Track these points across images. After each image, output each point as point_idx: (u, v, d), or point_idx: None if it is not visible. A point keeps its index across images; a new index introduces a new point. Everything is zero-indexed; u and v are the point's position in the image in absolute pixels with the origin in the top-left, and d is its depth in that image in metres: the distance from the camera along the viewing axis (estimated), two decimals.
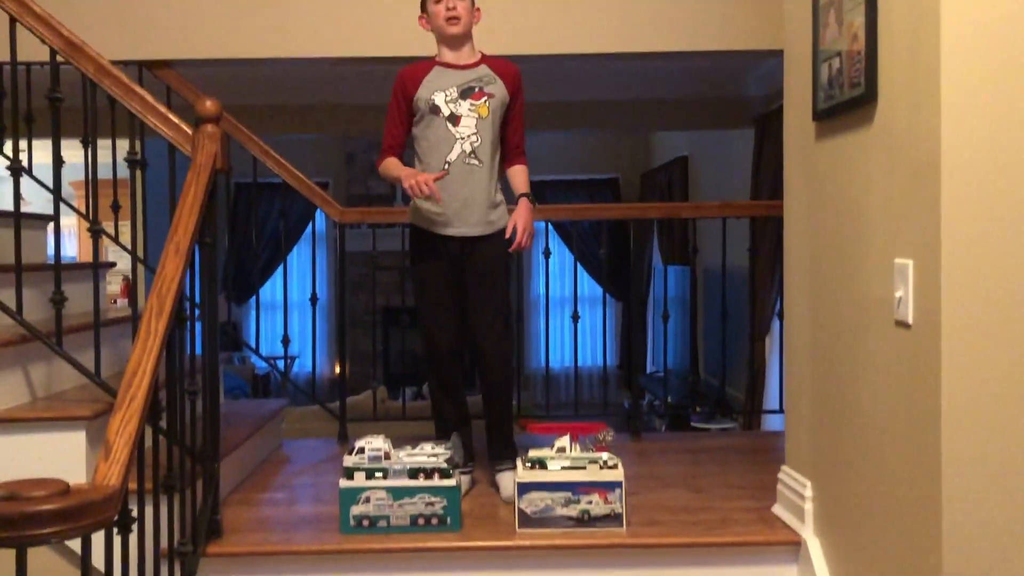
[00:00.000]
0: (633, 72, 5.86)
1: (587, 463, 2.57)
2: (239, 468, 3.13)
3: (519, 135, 2.95)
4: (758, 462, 3.34)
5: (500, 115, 2.88)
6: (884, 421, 2.04)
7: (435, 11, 2.82)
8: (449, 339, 2.93)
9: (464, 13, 2.81)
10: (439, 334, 2.93)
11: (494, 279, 2.91)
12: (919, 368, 1.88)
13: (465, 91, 2.82)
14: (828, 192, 2.39)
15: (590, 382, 9.73)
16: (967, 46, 1.79)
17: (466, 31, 2.84)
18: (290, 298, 4.17)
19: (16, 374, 2.67)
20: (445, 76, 2.84)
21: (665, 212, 5.03)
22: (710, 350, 7.26)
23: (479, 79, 2.85)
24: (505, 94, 2.87)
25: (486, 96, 2.83)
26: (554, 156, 9.32)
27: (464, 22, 2.81)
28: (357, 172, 10.06)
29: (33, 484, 1.55)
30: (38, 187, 3.07)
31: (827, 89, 2.33)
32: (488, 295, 2.90)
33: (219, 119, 2.46)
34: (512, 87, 2.89)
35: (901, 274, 1.94)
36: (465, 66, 2.86)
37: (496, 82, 2.86)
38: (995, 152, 1.79)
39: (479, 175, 2.83)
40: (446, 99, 2.81)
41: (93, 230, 2.64)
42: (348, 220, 3.85)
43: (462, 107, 2.81)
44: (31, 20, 2.52)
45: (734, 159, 6.90)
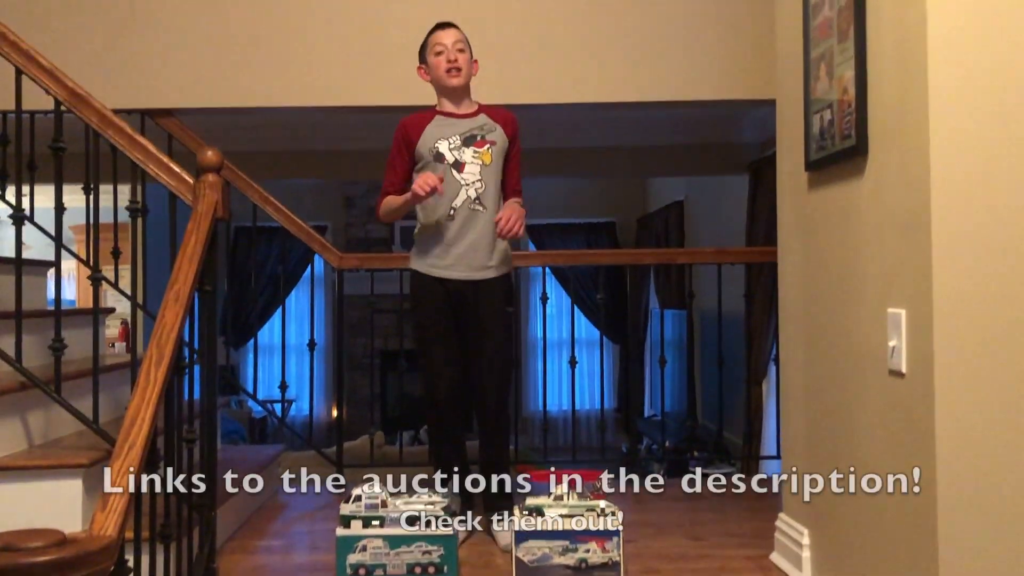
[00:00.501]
0: (630, 119, 5.94)
1: (585, 511, 2.57)
2: (236, 515, 3.11)
3: (515, 178, 3.00)
4: (756, 508, 3.33)
5: (501, 161, 2.94)
6: (880, 469, 2.05)
7: (435, 63, 2.89)
8: (450, 384, 2.94)
9: (464, 65, 2.88)
10: (440, 378, 2.93)
11: (495, 323, 2.94)
12: (913, 417, 1.89)
13: (468, 139, 2.89)
14: (821, 241, 2.42)
15: (587, 425, 9.69)
16: (955, 99, 1.83)
17: (466, 82, 2.91)
18: (288, 341, 4.17)
19: (14, 421, 2.67)
20: (447, 125, 2.90)
21: (661, 258, 5.09)
22: (708, 394, 7.25)
23: (480, 127, 2.91)
24: (505, 140, 2.94)
25: (488, 143, 2.90)
26: (552, 200, 9.39)
27: (464, 73, 2.88)
28: (356, 216, 10.11)
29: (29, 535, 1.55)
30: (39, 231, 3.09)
31: (819, 140, 2.37)
32: (489, 340, 2.93)
33: (220, 168, 2.49)
34: (510, 133, 2.96)
35: (894, 323, 1.96)
36: (466, 115, 2.93)
37: (496, 129, 2.93)
38: (985, 203, 1.82)
39: (483, 220, 2.88)
40: (450, 147, 2.87)
41: (94, 278, 2.65)
42: (347, 266, 3.88)
43: (466, 154, 2.87)
44: (37, 71, 2.57)
45: (729, 203, 6.95)
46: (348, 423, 8.09)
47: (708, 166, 6.68)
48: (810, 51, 2.43)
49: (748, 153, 6.27)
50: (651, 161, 6.75)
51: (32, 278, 3.21)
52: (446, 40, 2.89)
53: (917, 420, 1.87)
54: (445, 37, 2.89)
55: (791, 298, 2.69)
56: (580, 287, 9.61)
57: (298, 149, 6.27)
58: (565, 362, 4.17)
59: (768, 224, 5.52)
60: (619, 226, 10.33)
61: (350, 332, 9.45)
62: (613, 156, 6.61)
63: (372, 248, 9.87)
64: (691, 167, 6.84)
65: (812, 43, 2.42)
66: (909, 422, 1.91)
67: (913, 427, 1.89)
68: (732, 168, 6.44)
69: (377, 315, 4.10)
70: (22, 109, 2.65)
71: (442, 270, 2.90)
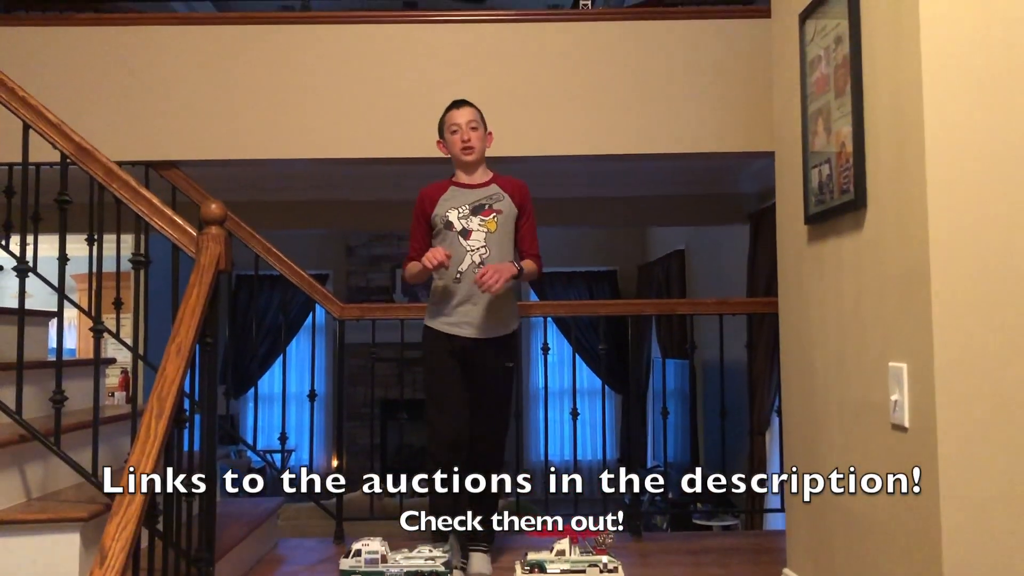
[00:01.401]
0: (631, 170, 6.00)
1: (587, 567, 2.54)
2: (234, 570, 3.07)
3: (530, 242, 3.15)
4: (760, 563, 3.29)
5: (509, 228, 3.10)
6: (884, 525, 2.03)
7: (451, 140, 3.10)
8: (454, 430, 3.04)
9: (477, 142, 3.08)
10: (444, 425, 3.04)
11: (495, 379, 3.12)
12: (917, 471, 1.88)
13: (476, 208, 3.07)
14: (821, 294, 2.43)
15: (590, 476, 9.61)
16: (952, 154, 1.85)
17: (479, 157, 3.10)
18: (288, 390, 4.16)
19: (12, 474, 2.65)
20: (459, 195, 3.09)
21: (663, 308, 5.08)
22: (710, 445, 7.20)
23: (489, 197, 3.09)
24: (513, 208, 3.10)
25: (495, 213, 3.07)
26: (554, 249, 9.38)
27: (477, 150, 3.09)
28: (357, 264, 10.17)
29: None
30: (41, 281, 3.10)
31: (818, 194, 2.39)
32: (492, 396, 3.12)
33: (224, 221, 2.51)
34: (519, 201, 3.12)
35: (896, 377, 1.96)
36: (477, 185, 3.12)
37: (504, 199, 3.10)
38: (983, 257, 1.83)
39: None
40: (458, 216, 3.06)
41: (96, 330, 2.66)
42: (348, 316, 3.88)
43: (472, 223, 3.05)
44: (44, 126, 2.60)
45: (730, 253, 6.98)
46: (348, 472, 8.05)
47: (708, 216, 6.73)
48: (808, 106, 2.46)
49: (748, 203, 6.31)
50: (652, 211, 6.80)
51: (34, 328, 3.22)
52: (460, 120, 3.08)
53: (921, 474, 1.86)
54: (459, 117, 3.08)
55: (792, 350, 2.69)
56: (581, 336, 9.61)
57: (300, 200, 6.32)
58: (567, 412, 4.15)
59: (769, 274, 5.54)
60: (620, 274, 10.37)
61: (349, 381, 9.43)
62: (614, 206, 6.66)
63: (373, 296, 9.92)
64: (692, 217, 6.89)
65: (810, 98, 2.45)
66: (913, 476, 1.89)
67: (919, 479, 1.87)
68: (732, 218, 6.48)
69: (377, 364, 4.09)
70: (29, 162, 2.68)
71: (450, 327, 3.07)
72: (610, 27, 3.90)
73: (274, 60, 3.84)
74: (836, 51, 2.27)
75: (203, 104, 3.81)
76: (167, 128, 3.79)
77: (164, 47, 3.82)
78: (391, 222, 7.00)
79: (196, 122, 3.80)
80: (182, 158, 3.81)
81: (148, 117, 3.78)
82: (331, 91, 3.83)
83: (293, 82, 3.83)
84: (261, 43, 3.85)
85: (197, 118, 3.80)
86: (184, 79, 3.82)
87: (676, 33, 3.87)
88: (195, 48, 3.84)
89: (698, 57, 3.83)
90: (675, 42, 3.85)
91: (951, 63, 1.86)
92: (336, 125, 3.82)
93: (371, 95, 3.83)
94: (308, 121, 3.82)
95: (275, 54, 3.85)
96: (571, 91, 3.85)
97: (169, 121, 3.79)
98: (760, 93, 3.66)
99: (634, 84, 3.84)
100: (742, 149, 3.80)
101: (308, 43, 3.86)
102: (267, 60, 3.84)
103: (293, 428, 9.54)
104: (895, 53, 1.99)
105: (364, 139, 3.83)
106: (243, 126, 3.81)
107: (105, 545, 1.76)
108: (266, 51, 3.85)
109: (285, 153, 3.83)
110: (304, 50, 3.85)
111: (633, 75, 3.84)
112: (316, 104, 3.82)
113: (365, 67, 3.85)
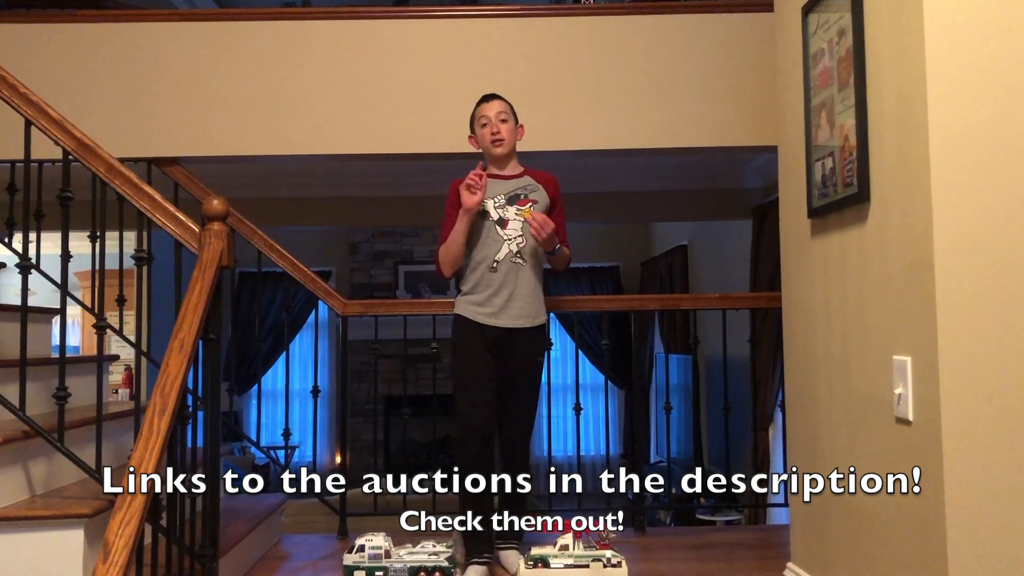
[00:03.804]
0: (634, 166, 5.98)
1: (590, 561, 2.54)
2: (237, 566, 3.07)
3: (562, 233, 3.16)
4: (764, 558, 3.29)
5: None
6: (888, 519, 2.03)
7: (481, 134, 3.12)
8: (484, 421, 3.02)
9: (508, 135, 3.10)
10: (475, 416, 3.01)
11: (530, 372, 3.13)
12: (921, 465, 1.87)
13: (512, 198, 3.09)
14: (825, 288, 2.42)
15: (593, 471, 9.62)
16: (956, 145, 1.84)
17: (509, 150, 3.12)
18: (291, 387, 4.17)
19: (16, 471, 2.65)
20: (494, 185, 3.09)
21: (666, 304, 5.07)
22: (714, 440, 7.20)
23: (524, 187, 3.12)
24: (547, 200, 3.13)
25: (531, 202, 3.09)
26: None
27: (508, 142, 3.10)
28: (360, 261, 10.15)
29: None
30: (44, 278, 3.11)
31: (821, 188, 2.38)
32: (523, 387, 3.12)
33: (226, 217, 2.51)
34: (552, 193, 3.16)
35: (900, 371, 1.95)
36: (510, 176, 3.14)
37: (539, 190, 3.13)
38: (988, 249, 1.82)
39: (524, 273, 3.06)
40: (495, 205, 3.06)
41: (98, 326, 2.66)
42: (351, 312, 3.88)
43: (509, 212, 3.07)
44: (46, 123, 2.59)
45: (733, 248, 6.97)
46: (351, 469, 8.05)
47: (712, 211, 6.71)
48: (811, 100, 2.45)
49: (751, 198, 6.30)
50: (655, 206, 6.78)
51: (37, 325, 3.22)
52: (490, 112, 3.09)
53: (926, 468, 1.85)
54: (489, 110, 3.10)
55: (796, 344, 2.68)
56: (584, 331, 9.61)
57: (303, 196, 6.31)
58: (570, 407, 4.14)
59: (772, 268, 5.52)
60: (623, 270, 10.36)
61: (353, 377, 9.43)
62: (617, 201, 6.64)
63: (376, 293, 9.91)
64: (695, 212, 6.87)
65: (813, 92, 2.44)
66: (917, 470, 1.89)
67: (921, 476, 1.87)
68: (735, 213, 6.46)
69: (380, 360, 4.09)
70: (31, 158, 2.68)
71: (485, 317, 3.04)
72: (613, 22, 3.89)
73: (275, 56, 3.84)
74: (839, 44, 2.26)
75: (205, 100, 3.80)
76: (169, 124, 3.79)
77: (165, 44, 3.82)
78: (394, 218, 6.99)
79: (198, 118, 3.80)
80: (184, 154, 3.81)
81: (150, 114, 3.78)
82: (333, 87, 3.83)
83: (295, 78, 3.83)
84: (262, 39, 3.85)
85: (199, 114, 3.80)
86: (186, 75, 3.81)
87: (679, 27, 3.86)
88: (197, 44, 3.83)
89: (702, 51, 3.82)
90: (678, 36, 3.85)
91: (955, 54, 1.85)
92: (338, 121, 3.81)
93: (373, 91, 3.83)
94: (310, 117, 3.81)
95: (276, 50, 3.84)
96: (574, 86, 3.84)
97: (171, 117, 3.79)
98: (764, 87, 3.65)
99: (637, 79, 3.83)
100: (746, 143, 3.79)
101: (309, 39, 3.85)
102: (268, 56, 3.84)
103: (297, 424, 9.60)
104: (899, 45, 1.98)
105: (366, 135, 3.83)
106: (245, 122, 3.81)
107: (109, 541, 1.75)
108: (267, 47, 3.84)
109: (287, 149, 3.83)
110: (305, 46, 3.85)
111: (636, 70, 3.83)
112: (318, 100, 3.82)
113: (366, 63, 3.84)
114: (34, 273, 2.71)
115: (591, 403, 9.82)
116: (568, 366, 9.69)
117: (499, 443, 3.11)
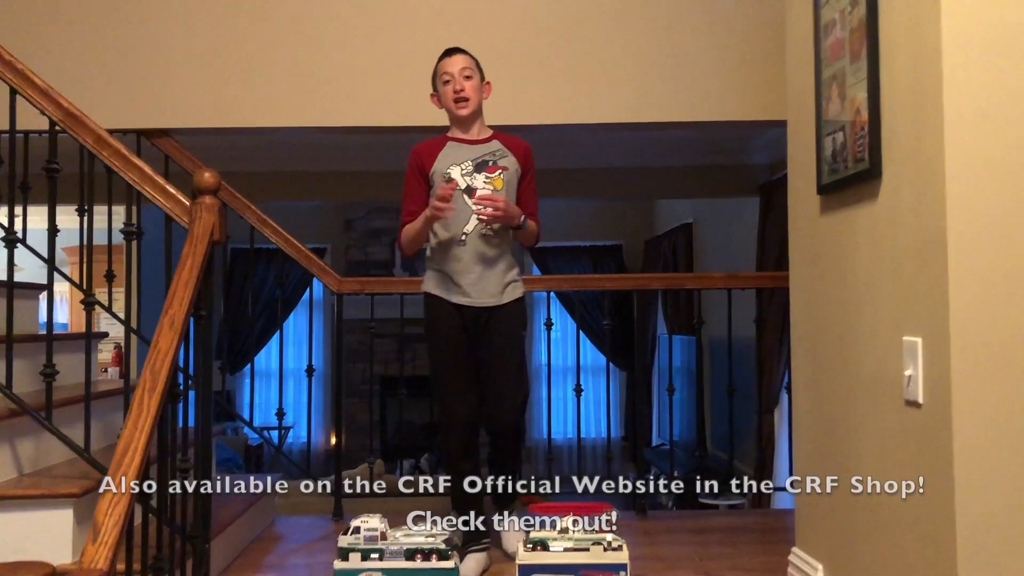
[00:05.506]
0: (637, 140, 5.90)
1: (591, 544, 2.49)
2: (230, 547, 3.03)
3: (529, 204, 2.94)
4: (768, 542, 3.24)
5: (514, 187, 2.89)
6: (896, 502, 1.97)
7: (444, 92, 2.86)
8: (467, 408, 2.87)
9: (472, 93, 2.84)
10: (457, 403, 2.87)
11: (510, 349, 2.89)
12: (930, 448, 1.82)
13: (479, 164, 2.84)
14: (834, 267, 2.35)
15: (593, 455, 9.57)
16: (971, 121, 1.77)
17: (474, 109, 2.87)
18: (285, 366, 4.10)
19: (3, 450, 2.61)
20: (459, 151, 2.86)
21: (670, 283, 5.00)
22: (717, 422, 7.15)
23: (492, 153, 2.87)
24: (517, 167, 2.90)
25: (500, 169, 2.85)
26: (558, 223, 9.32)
27: (472, 102, 2.85)
28: (356, 238, 10.04)
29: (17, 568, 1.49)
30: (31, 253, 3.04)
31: (831, 163, 2.31)
32: (504, 366, 2.87)
33: (217, 190, 2.44)
34: (523, 162, 2.92)
35: (910, 352, 1.89)
36: (477, 141, 2.89)
37: (508, 156, 2.88)
38: (1003, 228, 1.76)
39: (495, 245, 2.84)
40: (462, 172, 2.82)
41: (87, 302, 2.60)
42: (346, 290, 3.81)
43: (477, 180, 2.82)
44: (32, 91, 2.53)
45: (739, 226, 6.89)
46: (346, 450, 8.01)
47: (717, 188, 6.63)
48: (822, 72, 2.37)
49: (758, 175, 6.21)
50: (659, 183, 6.70)
51: (24, 301, 3.16)
52: (452, 68, 2.84)
53: (935, 451, 1.80)
54: (451, 65, 2.85)
55: (803, 325, 2.62)
56: (585, 312, 9.53)
57: (297, 170, 6.23)
58: (570, 389, 4.09)
59: (779, 247, 5.46)
60: (626, 249, 10.25)
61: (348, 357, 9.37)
62: (620, 177, 6.56)
63: (372, 271, 9.80)
64: (700, 189, 6.79)
65: (824, 64, 2.36)
66: (926, 453, 1.83)
67: (930, 459, 1.81)
68: (742, 190, 6.38)
69: (376, 340, 4.03)
70: (16, 129, 2.61)
71: (461, 298, 2.84)
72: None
73: (269, 26, 3.75)
74: (851, 14, 2.18)
75: (197, 70, 3.71)
76: (159, 95, 3.70)
77: (156, 12, 3.73)
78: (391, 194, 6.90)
79: (189, 89, 3.71)
80: (175, 126, 3.72)
81: (140, 83, 3.69)
82: (327, 58, 3.74)
83: (288, 48, 3.74)
84: (256, 9, 3.76)
85: (190, 85, 3.71)
86: (177, 44, 3.72)
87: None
88: (188, 13, 3.74)
89: (710, 22, 3.73)
90: (685, 6, 3.74)
91: (972, 24, 1.78)
92: (333, 92, 3.72)
93: (369, 62, 3.74)
94: (304, 88, 3.72)
95: (270, 20, 3.75)
96: (578, 57, 3.75)
97: (162, 87, 3.70)
98: (773, 59, 3.55)
99: (644, 51, 3.73)
100: (755, 118, 3.70)
101: (304, 9, 3.76)
102: (262, 26, 3.75)
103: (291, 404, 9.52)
104: (913, 15, 1.90)
105: (362, 107, 3.74)
106: (237, 93, 3.72)
107: (98, 521, 1.72)
108: (261, 17, 3.75)
109: (281, 121, 3.74)
110: (300, 16, 3.75)
111: (643, 42, 3.74)
112: (312, 71, 3.73)
113: (362, 33, 3.75)
114: (20, 248, 2.65)
115: (592, 385, 9.75)
116: (569, 347, 9.61)
117: (488, 425, 2.92)
